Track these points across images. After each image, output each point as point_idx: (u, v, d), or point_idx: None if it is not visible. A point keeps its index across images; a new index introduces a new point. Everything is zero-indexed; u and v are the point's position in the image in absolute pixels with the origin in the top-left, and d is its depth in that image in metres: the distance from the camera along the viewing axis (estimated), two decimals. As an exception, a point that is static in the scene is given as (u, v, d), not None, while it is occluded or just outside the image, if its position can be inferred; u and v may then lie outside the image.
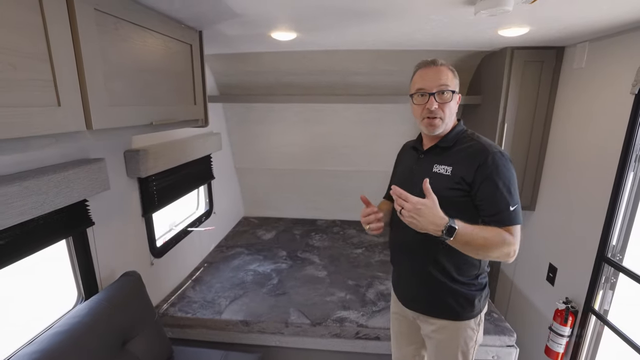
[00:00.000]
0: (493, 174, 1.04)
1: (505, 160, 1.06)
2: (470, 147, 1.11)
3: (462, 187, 1.08)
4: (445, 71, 1.10)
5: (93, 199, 1.43)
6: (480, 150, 1.08)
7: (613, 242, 1.61)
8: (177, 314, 1.89)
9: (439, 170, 1.13)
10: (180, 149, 2.05)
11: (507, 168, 1.05)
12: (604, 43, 1.65)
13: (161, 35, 1.22)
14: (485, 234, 1.01)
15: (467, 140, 1.14)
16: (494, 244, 1.01)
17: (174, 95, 1.37)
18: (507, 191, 1.04)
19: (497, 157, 1.05)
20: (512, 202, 1.04)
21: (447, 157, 1.13)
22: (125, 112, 1.04)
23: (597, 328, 1.72)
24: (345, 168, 3.12)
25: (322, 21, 1.44)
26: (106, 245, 1.55)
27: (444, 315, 1.21)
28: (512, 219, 1.04)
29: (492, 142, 1.12)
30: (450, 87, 1.09)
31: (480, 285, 1.21)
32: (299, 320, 1.84)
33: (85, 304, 1.31)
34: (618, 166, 1.53)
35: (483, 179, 1.05)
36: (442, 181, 1.10)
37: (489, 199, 1.05)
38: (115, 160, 1.59)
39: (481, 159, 1.05)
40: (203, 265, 2.47)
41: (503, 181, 1.04)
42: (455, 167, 1.10)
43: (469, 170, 1.06)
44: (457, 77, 1.13)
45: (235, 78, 2.59)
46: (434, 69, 1.11)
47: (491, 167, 1.04)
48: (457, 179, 1.08)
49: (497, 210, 1.05)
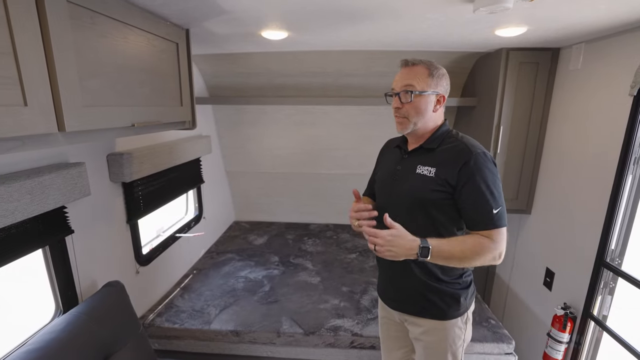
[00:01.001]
0: (475, 176, 1.02)
1: (488, 161, 1.04)
2: (453, 148, 1.08)
3: (445, 189, 1.06)
4: (417, 71, 1.07)
5: (72, 205, 1.35)
6: (463, 150, 1.05)
7: (612, 246, 1.58)
8: (164, 325, 1.81)
9: (422, 171, 1.10)
10: (168, 152, 1.97)
11: (489, 169, 1.03)
12: (600, 44, 1.63)
13: (144, 32, 1.15)
14: (463, 246, 1.00)
15: (451, 140, 1.11)
16: (474, 254, 1.00)
17: (159, 95, 1.30)
18: (489, 193, 1.02)
19: (479, 158, 1.03)
20: (495, 204, 1.02)
21: (431, 158, 1.11)
22: (103, 113, 0.97)
23: (596, 334, 1.69)
24: (338, 171, 3.07)
25: (313, 19, 1.39)
26: (87, 254, 1.46)
27: (430, 314, 1.19)
28: (494, 221, 1.02)
29: (476, 142, 1.10)
30: (417, 87, 1.06)
31: (465, 284, 1.20)
32: (291, 330, 1.77)
33: (63, 318, 1.22)
34: (617, 169, 1.50)
35: (466, 181, 1.03)
36: (426, 183, 1.09)
37: (471, 201, 1.03)
38: (97, 164, 1.51)
39: (464, 159, 1.03)
40: (192, 272, 2.38)
41: (486, 183, 1.02)
42: (439, 168, 1.07)
43: (452, 171, 1.04)
44: (437, 76, 1.08)
45: (225, 79, 2.52)
46: (406, 69, 1.10)
47: (473, 168, 1.02)
48: (440, 180, 1.06)
49: (479, 213, 1.03)
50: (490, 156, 1.07)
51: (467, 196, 1.03)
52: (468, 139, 1.11)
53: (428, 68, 1.08)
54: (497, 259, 1.03)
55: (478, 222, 1.04)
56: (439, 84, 1.09)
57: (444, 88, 1.11)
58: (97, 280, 1.52)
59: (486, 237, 1.02)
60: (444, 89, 1.11)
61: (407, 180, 1.15)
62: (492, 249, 1.01)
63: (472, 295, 1.23)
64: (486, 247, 1.00)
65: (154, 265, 2.00)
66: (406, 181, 1.15)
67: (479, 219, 1.03)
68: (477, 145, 1.08)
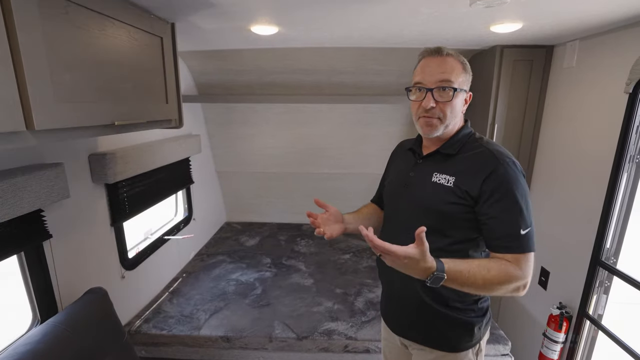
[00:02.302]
0: (502, 188, 0.87)
1: (518, 172, 0.90)
2: (477, 155, 0.94)
3: (466, 202, 0.91)
4: (452, 63, 0.93)
5: (50, 208, 1.28)
6: (489, 158, 0.91)
7: (607, 244, 1.56)
8: (151, 331, 1.74)
9: (439, 180, 0.96)
10: (155, 152, 1.90)
11: (519, 182, 0.89)
12: (594, 41, 1.61)
13: (125, 25, 1.09)
14: (486, 273, 0.84)
15: (474, 146, 0.97)
16: (496, 284, 0.84)
17: (142, 92, 1.23)
18: (518, 210, 0.87)
19: (508, 168, 0.88)
20: (524, 223, 0.87)
21: (450, 165, 0.96)
22: (79, 109, 0.91)
23: (592, 333, 1.68)
24: (331, 171, 3.02)
25: (304, 13, 1.33)
26: (67, 260, 1.39)
27: (437, 345, 1.05)
28: (522, 245, 0.87)
29: (503, 149, 0.96)
30: (455, 83, 0.92)
31: (481, 311, 1.04)
32: (283, 334, 1.72)
33: (39, 329, 1.15)
34: (612, 167, 1.48)
35: (490, 194, 0.88)
36: (443, 194, 0.94)
37: (496, 218, 0.88)
38: (77, 165, 1.44)
39: (489, 168, 0.89)
40: (182, 276, 2.31)
41: (514, 197, 0.87)
42: (458, 177, 0.93)
43: (475, 182, 0.90)
44: (468, 71, 0.96)
45: (215, 77, 2.46)
46: (438, 59, 0.93)
47: (500, 179, 0.88)
48: (460, 192, 0.92)
49: (504, 234, 0.88)
50: (520, 166, 0.93)
51: (492, 212, 0.88)
52: (494, 144, 0.97)
53: (461, 62, 0.94)
54: (522, 290, 0.87)
55: (503, 244, 0.88)
56: (469, 80, 0.97)
57: (470, 84, 0.98)
58: (78, 287, 1.44)
59: (512, 264, 0.86)
60: (469, 85, 0.98)
61: (420, 190, 1.00)
62: (519, 279, 0.85)
63: (487, 324, 1.07)
64: (512, 277, 0.84)
65: (141, 269, 1.93)
66: (419, 190, 1.01)
67: (504, 240, 0.88)
68: (505, 152, 0.94)
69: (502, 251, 0.89)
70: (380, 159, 1.40)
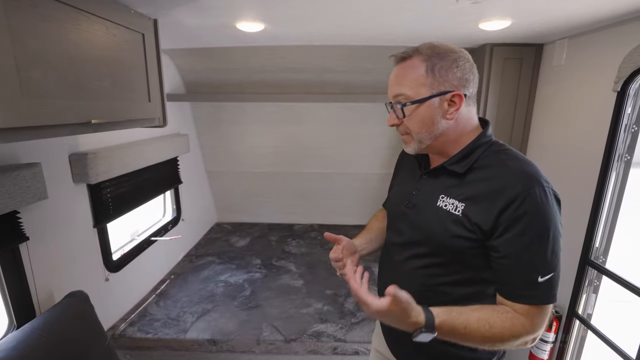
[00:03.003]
0: (523, 224, 0.69)
1: (547, 202, 0.70)
2: (495, 176, 0.74)
3: (475, 236, 0.74)
4: (410, 68, 0.77)
5: (27, 210, 1.23)
6: (510, 181, 0.71)
7: (596, 244, 1.56)
8: (135, 335, 1.70)
9: (445, 205, 0.78)
10: (140, 152, 1.86)
11: (547, 215, 0.69)
12: (583, 39, 1.61)
13: (101, 20, 1.05)
14: (486, 329, 0.69)
15: (492, 162, 0.77)
16: (498, 342, 0.71)
17: (122, 90, 1.19)
18: (540, 252, 0.69)
19: (537, 197, 0.69)
20: (544, 270, 0.69)
21: (460, 187, 0.78)
22: (50, 107, 0.87)
23: (581, 332, 1.67)
24: (322, 170, 2.99)
25: (288, 9, 1.30)
26: (46, 263, 1.35)
27: None
28: (538, 295, 0.70)
29: (532, 166, 0.74)
30: (410, 94, 0.76)
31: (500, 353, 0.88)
32: (272, 337, 1.69)
33: (14, 335, 1.11)
34: (601, 165, 1.47)
35: (506, 228, 0.70)
36: (449, 223, 0.76)
37: (509, 259, 0.71)
38: (56, 165, 1.40)
39: (510, 196, 0.70)
40: (169, 278, 2.27)
41: (538, 236, 0.69)
42: (469, 204, 0.75)
43: (489, 213, 0.71)
44: (440, 68, 0.75)
45: (203, 75, 2.42)
46: (397, 68, 0.80)
47: (524, 210, 0.69)
48: (469, 224, 0.74)
49: (518, 279, 0.72)
50: (553, 191, 0.73)
51: (503, 250, 0.71)
52: (520, 161, 0.75)
53: (427, 59, 0.75)
54: (530, 344, 0.73)
55: (514, 291, 0.72)
56: (445, 78, 0.75)
57: (457, 80, 0.75)
58: (58, 291, 1.40)
59: (521, 316, 0.71)
60: (459, 81, 0.76)
61: (423, 214, 0.83)
62: (527, 334, 0.71)
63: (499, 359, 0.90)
64: (519, 333, 0.70)
65: (127, 271, 1.89)
66: (422, 215, 0.84)
67: (516, 287, 0.72)
68: (534, 171, 0.73)
69: (512, 299, 0.72)
70: (372, 158, 1.38)
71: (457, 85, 0.76)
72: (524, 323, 0.70)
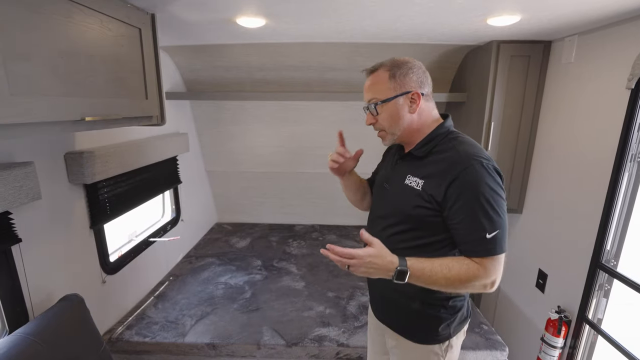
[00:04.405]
0: (467, 193, 0.86)
1: (486, 173, 0.86)
2: (445, 158, 0.93)
3: (432, 207, 0.92)
4: (378, 78, 0.97)
5: (20, 210, 1.19)
6: (455, 161, 0.89)
7: (608, 246, 1.51)
8: (133, 339, 1.66)
9: (410, 182, 0.98)
10: (138, 151, 1.82)
11: (486, 183, 0.86)
12: (594, 36, 1.56)
13: (95, 13, 1.01)
14: (447, 272, 0.87)
15: (446, 147, 0.95)
16: (458, 282, 0.87)
17: (117, 87, 1.15)
18: (483, 214, 0.85)
19: (474, 170, 0.86)
20: (491, 227, 0.86)
21: (421, 168, 0.98)
22: (41, 103, 0.83)
23: (591, 338, 1.62)
24: (324, 170, 2.92)
25: (291, 3, 1.26)
26: (40, 265, 1.31)
27: (407, 335, 1.10)
28: (487, 249, 0.87)
29: (475, 148, 0.93)
30: (380, 96, 0.97)
31: (453, 309, 1.05)
32: (272, 341, 1.64)
33: (5, 340, 1.07)
34: (613, 166, 1.43)
35: (455, 199, 0.88)
36: (412, 197, 0.96)
37: (461, 224, 0.88)
38: (51, 164, 1.36)
39: (454, 173, 0.87)
40: (168, 279, 2.23)
41: (479, 201, 0.85)
42: (426, 181, 0.94)
43: (440, 187, 0.89)
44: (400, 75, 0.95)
45: (203, 73, 2.37)
46: (369, 79, 1.01)
47: (466, 183, 0.86)
48: (426, 196, 0.92)
49: (470, 238, 0.88)
50: (492, 165, 0.89)
51: (456, 217, 0.89)
52: (466, 144, 0.94)
53: (389, 69, 0.96)
54: (489, 288, 0.90)
55: (469, 248, 0.90)
56: (404, 82, 0.95)
57: (414, 82, 0.96)
58: (53, 294, 1.36)
59: (476, 264, 0.88)
60: (416, 83, 0.96)
61: (394, 191, 1.05)
62: (482, 278, 0.87)
63: (460, 323, 1.08)
64: (474, 276, 0.87)
65: (124, 273, 1.85)
66: (393, 191, 1.06)
67: (468, 244, 0.90)
68: (474, 152, 0.90)
69: (469, 255, 0.90)
70: (373, 158, 1.35)
71: (414, 86, 0.96)
72: (478, 269, 0.87)
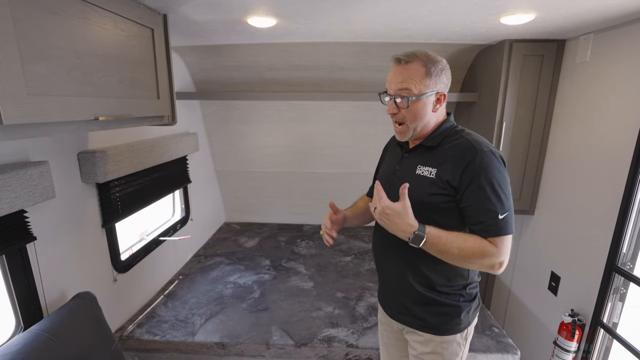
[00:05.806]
0: (480, 177, 0.92)
1: (496, 160, 0.93)
2: (457, 146, 0.98)
3: (447, 192, 0.96)
4: (412, 71, 0.95)
5: (35, 209, 1.21)
6: (467, 148, 0.95)
7: (624, 249, 1.48)
8: (143, 337, 1.67)
9: (422, 172, 1.01)
10: (149, 150, 1.83)
11: (497, 169, 0.93)
12: (610, 34, 1.52)
13: (109, 13, 1.02)
14: (462, 243, 0.92)
15: (455, 138, 1.01)
16: (470, 255, 0.92)
17: (130, 86, 1.16)
18: (495, 197, 0.92)
19: (486, 157, 0.92)
20: (502, 209, 0.92)
21: (432, 158, 1.01)
22: (56, 103, 0.84)
23: (606, 342, 1.59)
24: (333, 170, 2.94)
25: (303, 2, 1.26)
26: (54, 263, 1.33)
27: (428, 329, 1.10)
28: (499, 229, 0.93)
29: (482, 138, 1.00)
30: (414, 90, 0.95)
31: (469, 297, 1.09)
32: (281, 341, 1.64)
33: (20, 337, 1.09)
34: (630, 167, 1.39)
35: (469, 183, 0.93)
36: (425, 185, 0.99)
37: (475, 205, 0.94)
38: (65, 164, 1.37)
39: (468, 159, 0.93)
40: (177, 278, 2.25)
41: (491, 185, 0.92)
42: (440, 169, 0.98)
43: (455, 172, 0.94)
44: (436, 73, 0.96)
45: (213, 73, 2.39)
46: (399, 67, 0.97)
47: (479, 168, 0.92)
48: (441, 182, 0.96)
49: (482, 219, 0.94)
50: (499, 154, 0.96)
51: (470, 199, 0.94)
52: (474, 135, 1.01)
53: (425, 65, 0.95)
54: (497, 268, 0.94)
55: (481, 228, 0.94)
56: (438, 81, 0.97)
57: (444, 84, 0.99)
58: (66, 292, 1.38)
59: (490, 242, 0.93)
60: (445, 85, 0.99)
61: (404, 181, 1.05)
62: (493, 256, 0.92)
63: (475, 309, 1.13)
64: (487, 252, 0.92)
65: (135, 271, 1.86)
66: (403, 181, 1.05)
67: (482, 224, 0.94)
68: (483, 142, 0.97)
69: (482, 234, 0.94)
70: (383, 159, 1.33)
71: (443, 88, 0.99)
72: (490, 246, 0.92)
